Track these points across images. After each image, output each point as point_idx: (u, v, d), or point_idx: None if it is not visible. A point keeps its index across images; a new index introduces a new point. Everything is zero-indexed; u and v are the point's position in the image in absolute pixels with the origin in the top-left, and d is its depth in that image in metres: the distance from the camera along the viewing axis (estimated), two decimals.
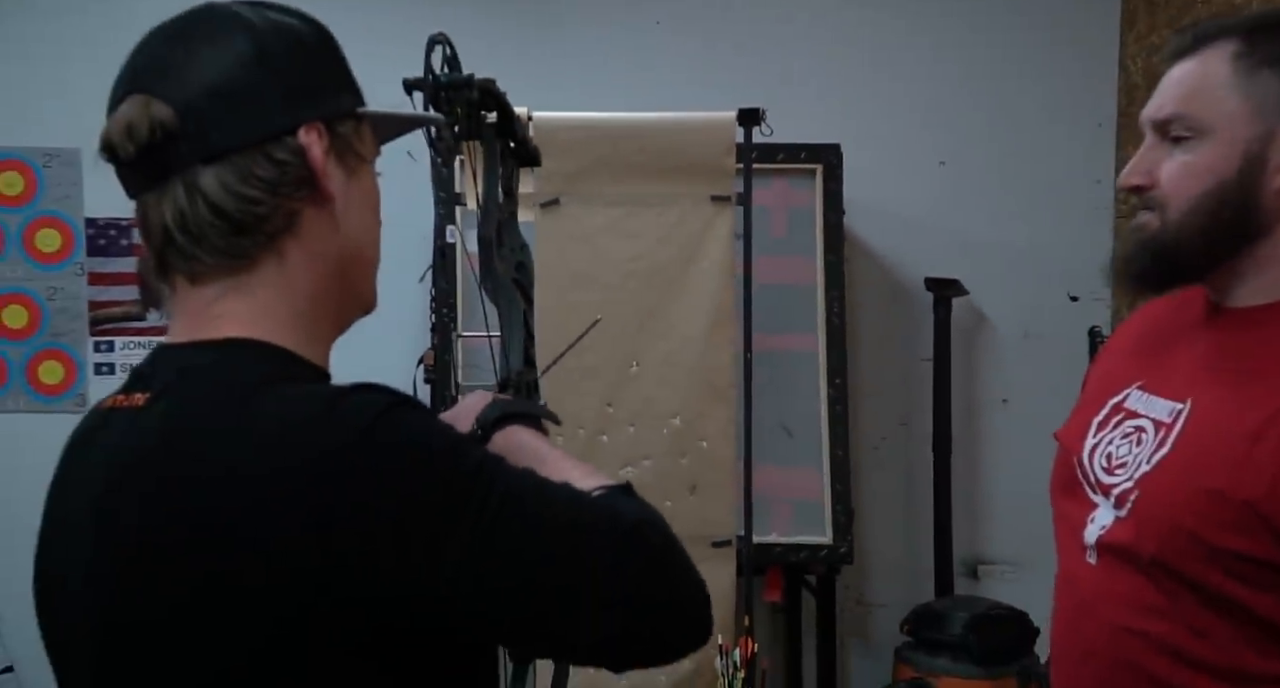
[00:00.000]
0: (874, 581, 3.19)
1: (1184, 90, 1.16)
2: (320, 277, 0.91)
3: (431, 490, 0.79)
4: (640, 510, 0.90)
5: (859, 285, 3.13)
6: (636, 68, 3.09)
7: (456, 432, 0.85)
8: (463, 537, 0.78)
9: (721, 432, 2.50)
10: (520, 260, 1.26)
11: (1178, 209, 1.15)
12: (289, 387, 0.83)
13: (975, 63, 3.16)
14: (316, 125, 0.89)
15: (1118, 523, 1.19)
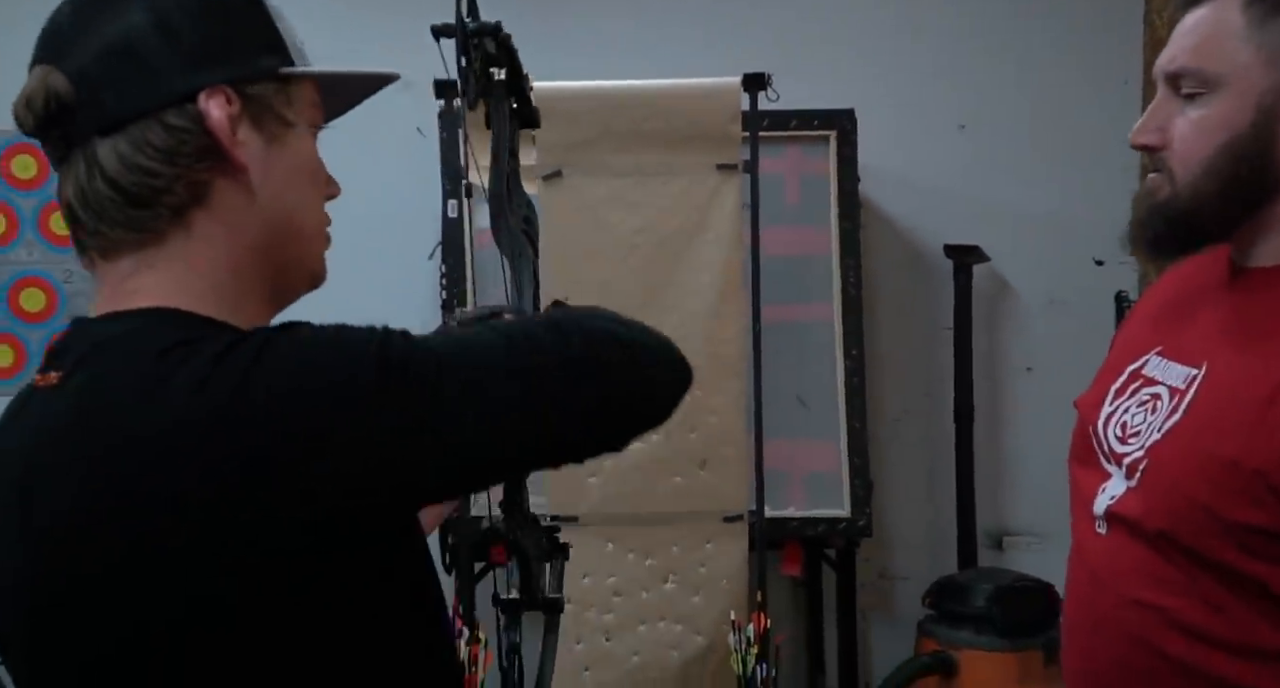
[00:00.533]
0: (896, 554, 3.15)
1: (1194, 41, 1.11)
2: (239, 249, 0.88)
3: (340, 397, 0.77)
4: (574, 310, 0.91)
5: (876, 254, 3.06)
6: (644, 34, 3.03)
7: (347, 330, 0.82)
8: (392, 420, 0.77)
9: (732, 405, 2.46)
10: (527, 214, 1.26)
11: (1190, 170, 1.11)
12: (200, 346, 0.80)
13: (995, 21, 3.07)
14: (223, 89, 0.85)
15: (1128, 493, 1.16)
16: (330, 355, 0.79)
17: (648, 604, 2.46)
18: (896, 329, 3.10)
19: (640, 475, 2.45)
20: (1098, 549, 1.19)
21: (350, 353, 0.79)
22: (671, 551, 2.47)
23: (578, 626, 2.47)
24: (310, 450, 0.75)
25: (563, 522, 2.46)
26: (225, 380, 0.76)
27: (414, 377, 0.79)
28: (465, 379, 0.80)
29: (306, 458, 0.75)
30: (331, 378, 0.77)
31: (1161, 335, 1.23)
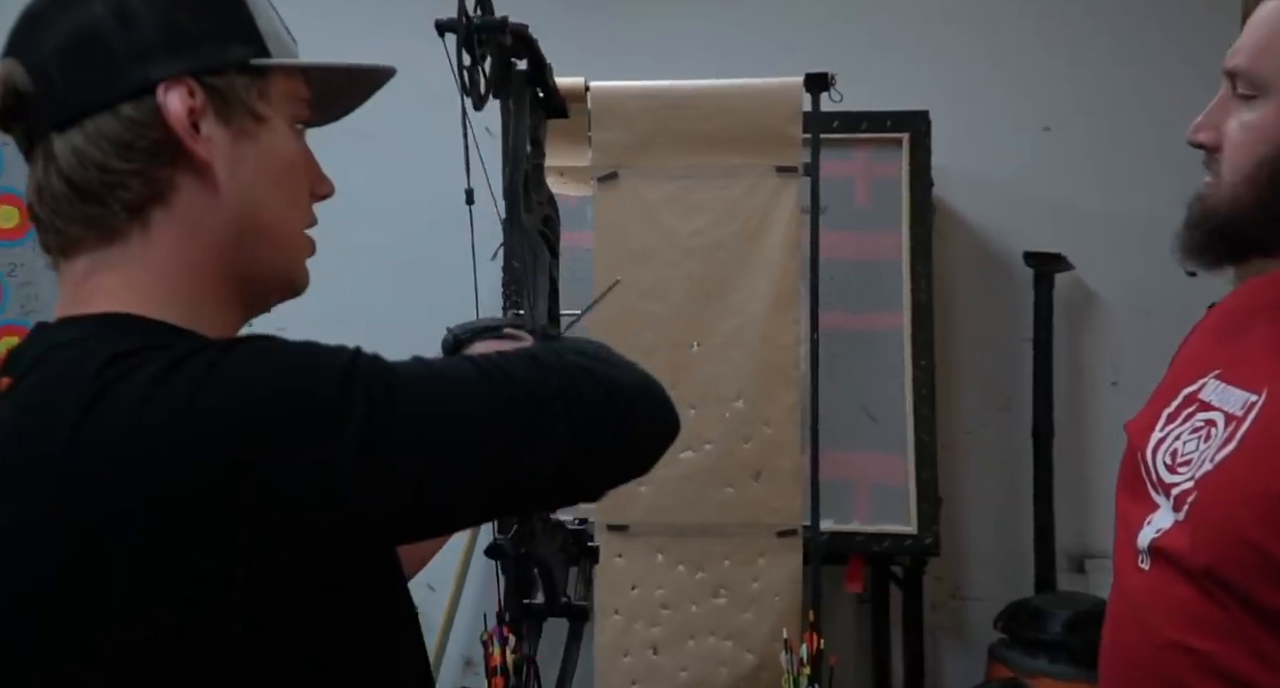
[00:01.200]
0: (970, 573, 3.03)
1: (1255, 39, 1.04)
2: (202, 250, 0.83)
3: (295, 410, 0.72)
4: (556, 345, 0.86)
5: (952, 261, 2.96)
6: (710, 34, 2.98)
7: (313, 346, 0.78)
8: (350, 441, 0.72)
9: (786, 416, 2.38)
10: (547, 214, 1.21)
11: (1233, 175, 1.05)
12: (154, 354, 0.76)
13: (1081, 17, 2.94)
14: (185, 81, 0.81)
15: (1175, 527, 1.07)
16: (291, 369, 0.75)
17: (697, 619, 2.40)
18: (972, 339, 2.99)
19: (691, 485, 2.39)
20: (1139, 586, 1.11)
21: (313, 368, 0.75)
22: (723, 564, 2.40)
23: (625, 638, 2.41)
24: (259, 467, 0.71)
25: (613, 530, 2.41)
26: (175, 391, 0.73)
27: (377, 400, 0.74)
28: (430, 410, 0.76)
29: (254, 475, 0.71)
30: (289, 390, 0.73)
31: (1221, 357, 1.14)
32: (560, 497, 0.87)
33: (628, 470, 0.87)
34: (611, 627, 2.42)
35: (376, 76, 0.94)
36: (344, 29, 2.87)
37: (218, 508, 0.71)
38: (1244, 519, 1.00)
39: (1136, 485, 1.16)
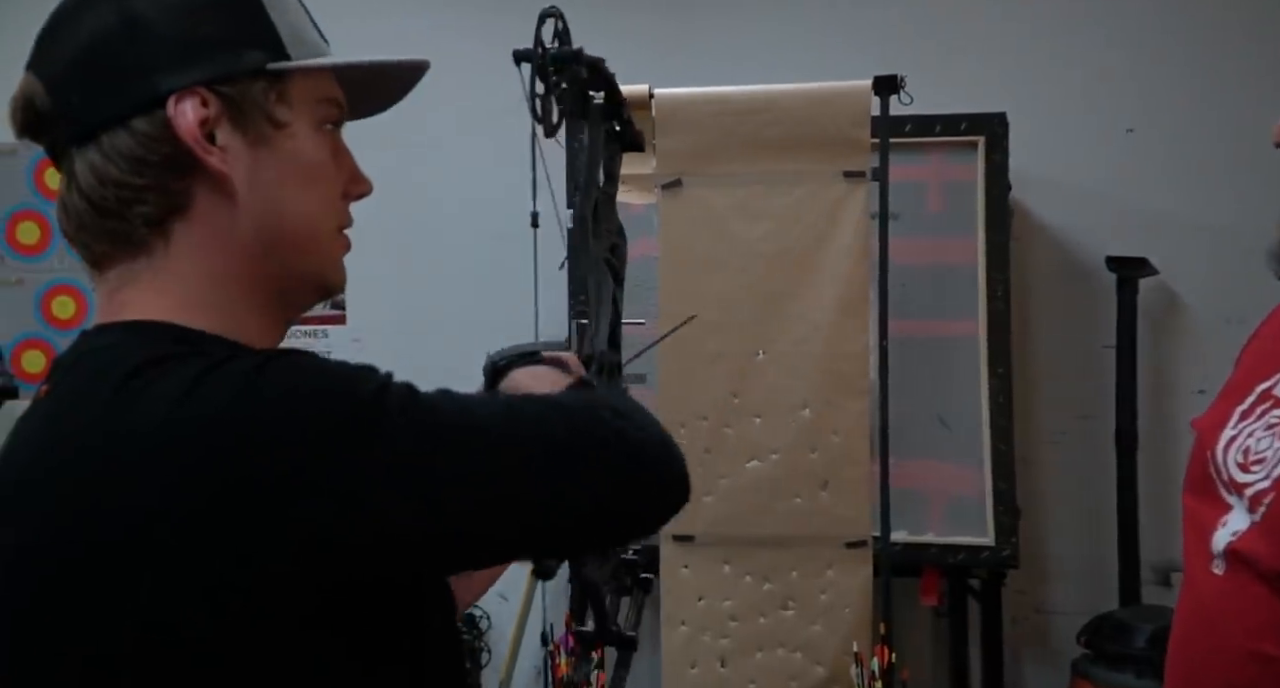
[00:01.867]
0: (1052, 586, 2.94)
1: None
2: (227, 258, 0.83)
3: (330, 431, 0.72)
4: (584, 395, 0.85)
5: (1031, 266, 2.89)
6: (779, 39, 2.96)
7: (348, 367, 0.77)
8: (376, 468, 0.72)
9: (855, 425, 2.34)
10: (615, 243, 1.21)
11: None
12: (186, 361, 0.76)
13: (1166, 15, 2.85)
14: (197, 91, 0.80)
15: (1251, 529, 1.03)
16: (327, 388, 0.75)
17: (765, 631, 2.37)
18: (1052, 347, 2.91)
19: (758, 495, 2.37)
20: (1212, 591, 1.07)
21: (348, 389, 0.75)
22: (790, 575, 2.36)
23: (693, 649, 2.39)
24: (288, 484, 0.71)
25: (678, 541, 2.40)
26: (208, 398, 0.73)
27: (409, 429, 0.74)
28: (458, 444, 0.76)
29: (282, 490, 0.71)
30: (321, 410, 0.73)
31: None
32: (575, 544, 0.86)
33: (637, 531, 0.86)
34: (679, 638, 2.40)
35: (413, 70, 0.92)
36: (433, 42, 2.91)
37: (241, 518, 0.71)
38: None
39: (1206, 486, 1.11)
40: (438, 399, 0.78)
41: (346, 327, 3.17)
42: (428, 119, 2.57)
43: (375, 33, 2.79)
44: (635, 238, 2.65)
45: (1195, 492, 1.14)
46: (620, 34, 3.04)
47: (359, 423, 0.73)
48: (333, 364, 0.77)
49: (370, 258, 3.16)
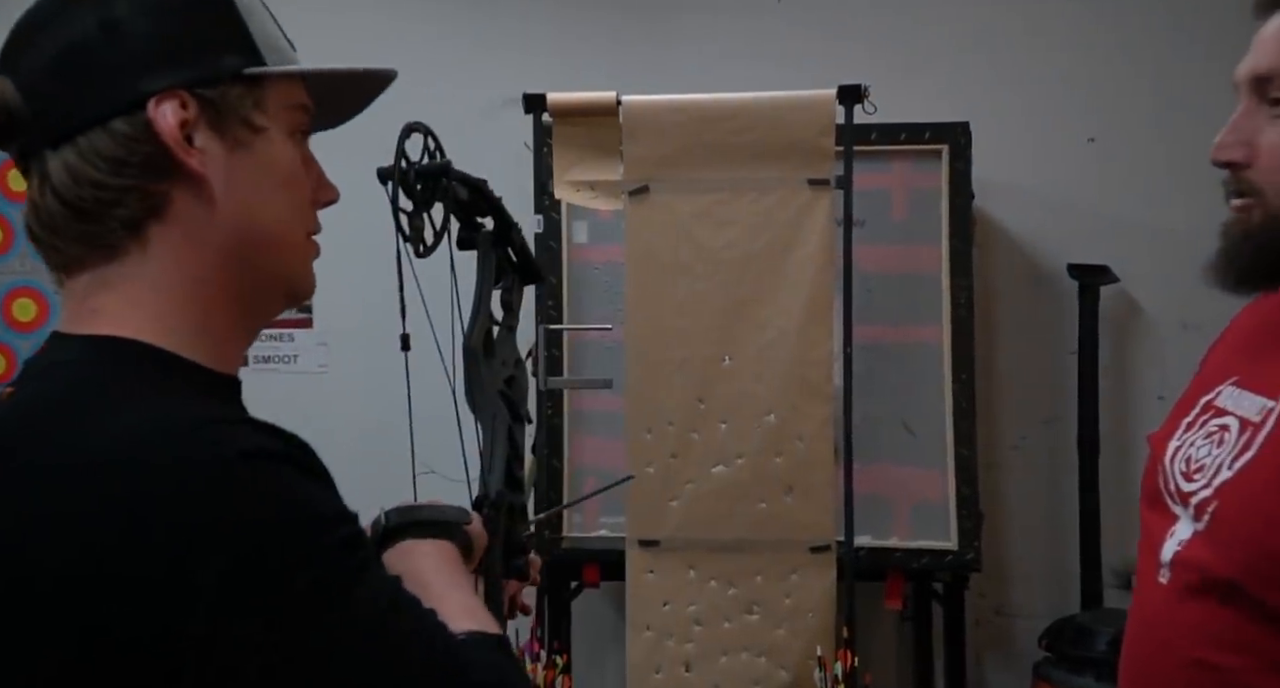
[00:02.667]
0: (1014, 590, 2.98)
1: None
2: (203, 264, 0.82)
3: (269, 554, 0.70)
4: (496, 673, 0.80)
5: (995, 273, 2.92)
6: (752, 49, 2.98)
7: (337, 505, 0.76)
8: (276, 616, 0.69)
9: (820, 430, 2.36)
10: (512, 375, 1.16)
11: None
12: (143, 402, 0.75)
13: (1128, 27, 2.89)
14: (177, 94, 0.79)
15: (1195, 538, 1.04)
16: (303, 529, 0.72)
17: (730, 635, 2.38)
18: (1014, 353, 2.95)
19: (723, 500, 2.38)
20: (1158, 599, 1.08)
21: (323, 541, 0.73)
22: (755, 580, 2.38)
23: (658, 654, 2.40)
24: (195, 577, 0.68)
25: (644, 546, 2.41)
26: (184, 457, 0.71)
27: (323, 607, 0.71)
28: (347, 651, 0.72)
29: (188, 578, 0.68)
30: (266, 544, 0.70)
31: (1240, 367, 1.11)
32: None
33: None
34: (643, 643, 2.41)
35: (380, 79, 0.93)
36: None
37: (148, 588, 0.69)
38: (1267, 529, 0.97)
39: (1157, 498, 1.13)
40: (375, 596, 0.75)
41: (313, 330, 3.17)
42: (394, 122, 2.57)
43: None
44: (604, 243, 2.69)
45: (1148, 503, 1.15)
46: (587, 41, 3.06)
47: (297, 564, 0.71)
48: (317, 493, 0.75)
49: (338, 261, 3.16)
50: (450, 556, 0.96)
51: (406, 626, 0.76)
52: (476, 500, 1.07)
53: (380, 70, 0.91)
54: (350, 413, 2.96)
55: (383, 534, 0.96)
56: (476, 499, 1.07)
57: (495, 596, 1.05)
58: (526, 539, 1.12)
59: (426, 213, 1.08)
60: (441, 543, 0.97)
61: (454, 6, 3.12)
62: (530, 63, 3.01)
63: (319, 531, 0.73)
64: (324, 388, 3.14)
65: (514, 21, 3.09)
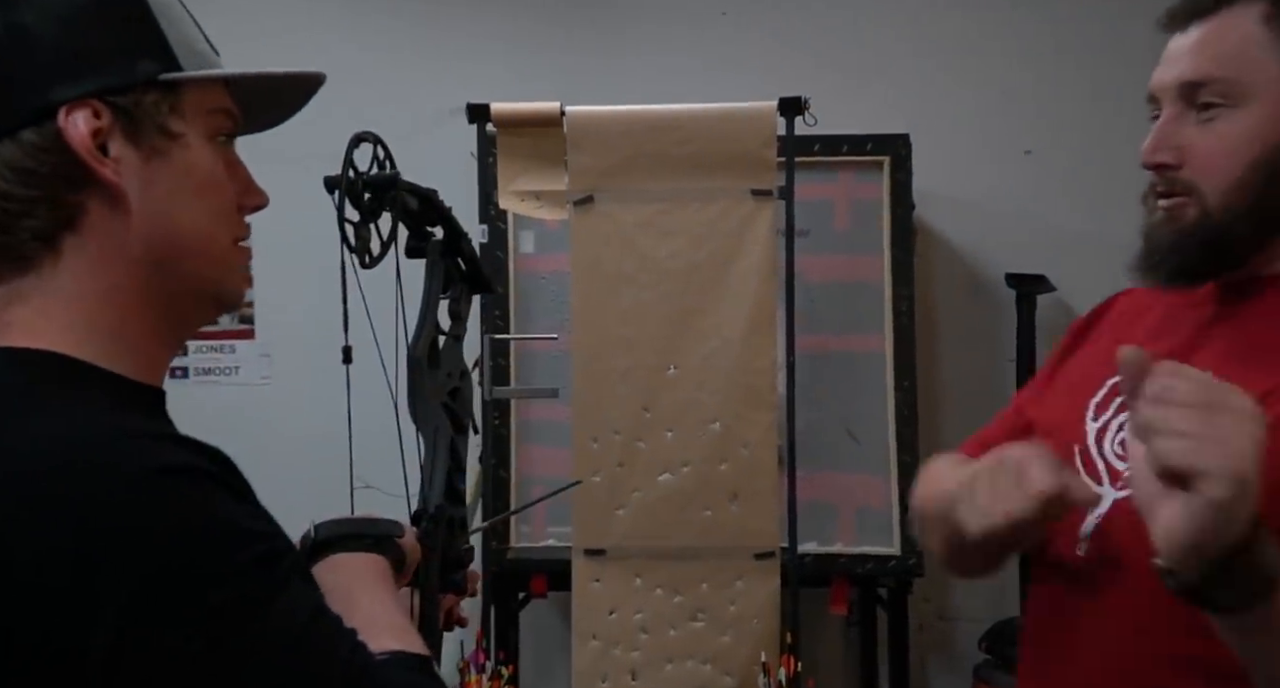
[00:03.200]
0: (956, 594, 3.02)
1: (1214, 52, 1.05)
2: (119, 275, 0.81)
3: (183, 569, 0.69)
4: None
5: (935, 282, 2.97)
6: (698, 60, 3.00)
7: (255, 522, 0.76)
8: (189, 631, 0.69)
9: (763, 438, 2.39)
10: (456, 387, 1.16)
11: (1220, 189, 1.04)
12: (58, 412, 0.74)
13: (1065, 42, 2.95)
14: (89, 102, 0.78)
15: (1116, 504, 1.06)
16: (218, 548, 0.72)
17: (675, 643, 2.40)
18: (956, 360, 2.99)
19: (669, 508, 2.40)
20: (1072, 574, 1.09)
21: (236, 558, 0.73)
22: (700, 587, 2.40)
23: (604, 663, 2.41)
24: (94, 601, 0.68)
25: (590, 555, 2.42)
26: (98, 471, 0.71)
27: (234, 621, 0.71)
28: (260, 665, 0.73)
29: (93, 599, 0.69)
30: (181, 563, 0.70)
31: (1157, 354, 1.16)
32: None
33: None
34: (589, 653, 2.41)
35: (308, 82, 0.91)
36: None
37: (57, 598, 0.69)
38: None
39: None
40: (285, 619, 0.74)
41: (256, 341, 3.13)
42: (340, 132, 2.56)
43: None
44: (550, 253, 2.70)
45: None
46: (534, 51, 3.07)
47: (197, 592, 0.70)
48: (236, 510, 0.75)
49: (282, 271, 3.14)
50: (380, 570, 0.95)
51: (323, 645, 0.75)
52: (415, 514, 1.06)
53: (305, 73, 0.90)
54: (293, 425, 2.93)
55: (313, 547, 0.95)
56: (415, 513, 1.06)
57: (431, 610, 1.04)
58: (465, 553, 1.11)
59: (373, 223, 1.07)
60: (372, 557, 0.96)
61: (401, 16, 3.11)
62: (477, 72, 3.01)
63: (235, 547, 0.73)
64: (267, 399, 3.11)
65: (461, 31, 3.09)
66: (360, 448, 1.10)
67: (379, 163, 1.08)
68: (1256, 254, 1.06)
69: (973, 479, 1.01)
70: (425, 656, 0.86)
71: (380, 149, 1.08)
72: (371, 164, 1.08)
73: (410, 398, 1.09)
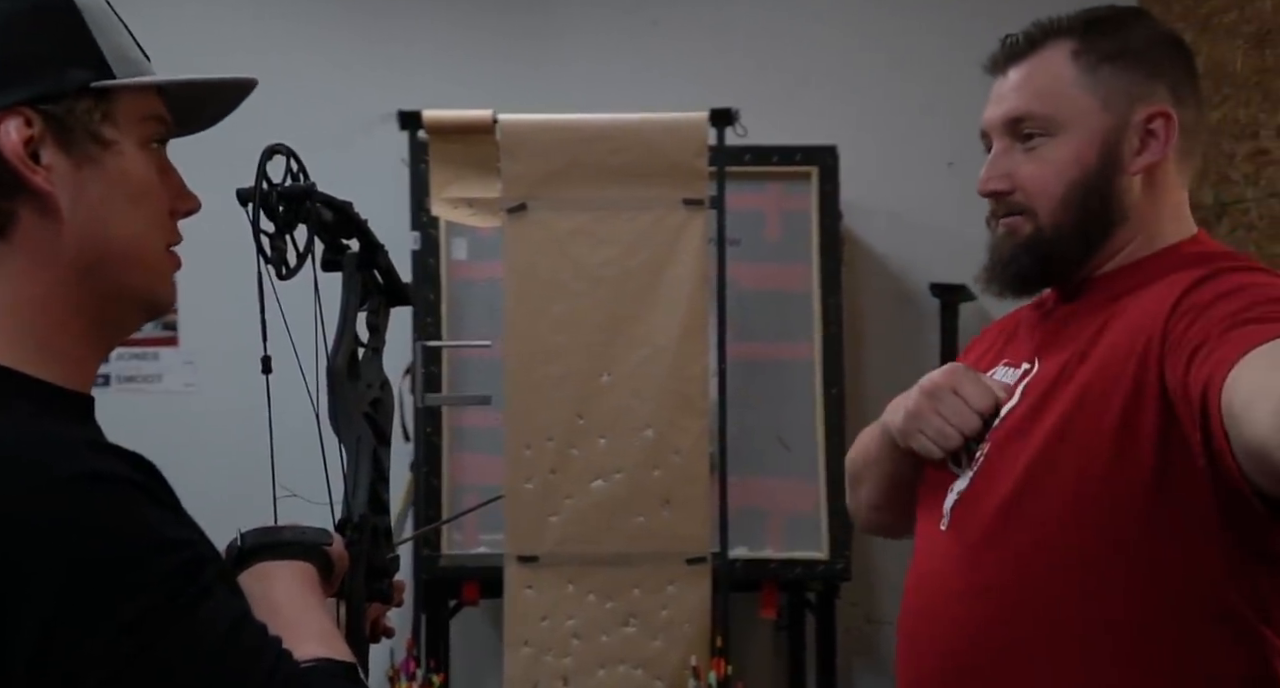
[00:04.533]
0: (883, 597, 3.07)
1: (1032, 89, 1.18)
2: (50, 282, 0.81)
3: (106, 577, 0.70)
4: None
5: (861, 291, 3.03)
6: (627, 70, 3.03)
7: (179, 531, 0.76)
8: (113, 637, 0.70)
9: (695, 444, 2.42)
10: (378, 397, 1.16)
11: (1048, 207, 1.16)
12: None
13: (985, 55, 3.03)
14: (20, 111, 0.78)
15: (969, 482, 1.17)
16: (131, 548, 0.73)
17: (607, 648, 2.41)
18: (882, 368, 3.05)
19: (602, 514, 2.41)
20: (937, 549, 1.19)
21: (153, 568, 0.73)
22: (633, 593, 2.41)
23: (536, 669, 2.41)
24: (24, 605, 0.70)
25: (523, 562, 2.42)
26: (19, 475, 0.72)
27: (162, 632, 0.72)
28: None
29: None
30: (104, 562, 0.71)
31: (1005, 351, 1.27)
32: None
33: None
34: (521, 660, 2.42)
35: (240, 87, 0.91)
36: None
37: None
38: (1032, 450, 1.10)
39: (941, 470, 1.22)
40: (206, 627, 0.75)
41: (179, 349, 3.08)
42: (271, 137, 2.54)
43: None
44: (483, 260, 2.70)
45: (933, 470, 1.24)
46: (466, 59, 3.07)
47: (128, 590, 0.71)
48: (156, 521, 0.76)
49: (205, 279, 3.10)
50: (307, 578, 0.95)
51: (247, 653, 0.76)
52: (340, 523, 1.06)
53: (236, 79, 0.91)
54: (217, 433, 2.89)
55: (239, 556, 0.94)
56: (340, 522, 1.06)
57: (357, 619, 1.04)
58: (390, 562, 1.11)
59: (289, 234, 1.07)
60: (299, 565, 0.95)
61: (333, 22, 3.10)
62: (409, 79, 3.00)
63: (160, 554, 0.73)
64: (190, 408, 3.06)
65: (394, 37, 3.08)
66: (283, 456, 1.09)
67: (292, 175, 1.07)
68: (1087, 260, 1.17)
69: (915, 412, 1.17)
70: (351, 663, 0.86)
71: (293, 162, 1.07)
72: (285, 176, 1.08)
73: (331, 410, 1.09)
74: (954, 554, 1.17)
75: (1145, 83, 1.16)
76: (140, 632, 0.71)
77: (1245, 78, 2.61)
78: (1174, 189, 1.20)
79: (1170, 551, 1.07)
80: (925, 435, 1.17)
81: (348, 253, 1.13)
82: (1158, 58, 1.18)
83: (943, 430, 1.15)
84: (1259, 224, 2.60)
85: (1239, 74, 2.63)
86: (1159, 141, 1.16)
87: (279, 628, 0.80)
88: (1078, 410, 1.09)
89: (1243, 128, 2.61)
